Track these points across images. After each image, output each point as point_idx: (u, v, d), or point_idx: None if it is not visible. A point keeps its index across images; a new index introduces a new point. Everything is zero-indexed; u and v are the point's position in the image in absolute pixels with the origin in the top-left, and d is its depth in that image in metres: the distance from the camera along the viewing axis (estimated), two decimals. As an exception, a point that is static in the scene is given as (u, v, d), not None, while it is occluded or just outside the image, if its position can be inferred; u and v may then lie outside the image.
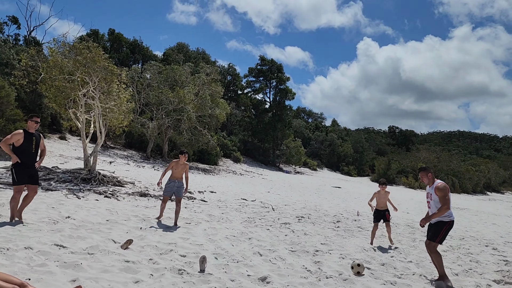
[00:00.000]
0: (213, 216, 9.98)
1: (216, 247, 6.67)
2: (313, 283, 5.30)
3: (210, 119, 32.60)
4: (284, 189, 23.37)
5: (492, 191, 70.30)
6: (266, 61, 53.05)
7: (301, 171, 53.56)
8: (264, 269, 5.72)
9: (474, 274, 6.80)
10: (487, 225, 16.12)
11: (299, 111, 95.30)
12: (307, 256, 6.83)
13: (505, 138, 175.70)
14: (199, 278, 4.93)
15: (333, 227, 10.51)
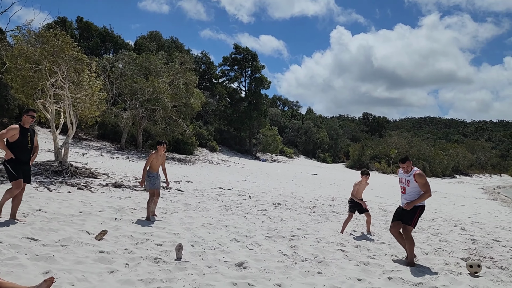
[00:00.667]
0: (190, 205, 9.95)
1: (192, 235, 6.67)
2: (289, 267, 5.38)
3: (185, 109, 32.26)
4: (261, 177, 23.49)
5: (461, 174, 72.78)
6: (240, 49, 52.72)
7: (277, 159, 53.88)
8: (241, 255, 5.77)
9: (443, 253, 7.05)
10: (455, 206, 16.69)
11: (275, 99, 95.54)
12: (283, 241, 6.92)
13: (473, 123, 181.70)
14: (176, 266, 4.93)
15: (308, 213, 10.66)
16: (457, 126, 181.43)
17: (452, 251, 7.23)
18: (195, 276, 4.60)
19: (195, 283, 4.37)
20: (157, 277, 4.48)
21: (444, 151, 71.71)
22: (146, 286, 4.20)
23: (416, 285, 5.03)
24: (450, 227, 10.27)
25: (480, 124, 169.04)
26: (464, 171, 76.85)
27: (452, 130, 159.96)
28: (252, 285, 4.48)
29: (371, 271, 5.56)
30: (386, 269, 5.66)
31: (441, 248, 7.41)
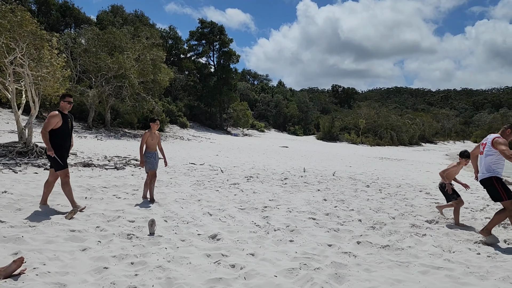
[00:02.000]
0: (161, 181, 9.90)
1: (165, 211, 6.67)
2: (262, 236, 5.50)
3: (153, 85, 31.58)
4: (233, 152, 23.54)
5: (427, 142, 75.24)
6: (206, 23, 51.65)
7: (249, 133, 53.99)
8: (214, 227, 5.83)
9: (409, 216, 7.36)
10: (421, 173, 17.32)
11: (245, 73, 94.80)
12: (256, 213, 7.04)
13: (438, 92, 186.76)
14: (149, 241, 4.94)
15: (280, 184, 10.82)
16: (423, 95, 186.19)
17: (417, 215, 7.55)
18: (168, 250, 4.64)
19: (169, 256, 4.41)
20: (130, 252, 4.48)
21: (411, 120, 73.64)
22: (119, 262, 4.21)
23: (383, 248, 5.25)
24: (416, 192, 10.69)
25: (445, 93, 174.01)
26: (430, 139, 79.49)
27: (418, 99, 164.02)
28: (225, 256, 4.56)
29: (341, 236, 5.76)
30: (355, 234, 5.87)
31: (407, 212, 7.72)
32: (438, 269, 4.49)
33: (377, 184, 11.97)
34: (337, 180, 12.50)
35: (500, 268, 4.57)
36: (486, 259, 4.96)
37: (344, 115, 73.42)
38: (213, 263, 4.31)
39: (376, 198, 9.39)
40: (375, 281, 4.03)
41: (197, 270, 4.08)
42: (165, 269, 4.03)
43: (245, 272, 4.07)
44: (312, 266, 4.33)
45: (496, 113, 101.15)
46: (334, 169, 16.06)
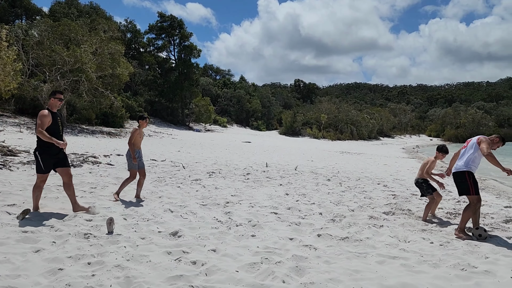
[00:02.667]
0: (121, 178, 9.63)
1: (124, 208, 6.52)
2: (224, 232, 5.48)
3: (112, 80, 30.63)
4: (195, 147, 23.33)
5: (385, 136, 77.68)
6: (165, 17, 50.61)
7: (211, 129, 53.67)
8: (175, 224, 5.76)
9: (367, 209, 7.58)
10: (379, 166, 17.88)
11: (206, 68, 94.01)
12: (218, 208, 7.01)
13: (395, 87, 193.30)
14: (108, 240, 4.81)
15: (243, 180, 10.83)
16: (381, 91, 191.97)
17: (375, 207, 7.78)
18: (128, 248, 4.53)
19: (128, 255, 4.31)
20: (87, 252, 4.34)
21: (369, 115, 75.75)
22: (75, 263, 4.06)
23: (342, 240, 5.37)
24: (374, 185, 11.02)
25: (401, 89, 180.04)
26: (388, 133, 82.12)
27: (377, 95, 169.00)
28: (187, 252, 4.51)
29: (302, 230, 5.84)
30: (316, 227, 5.97)
31: (365, 205, 7.95)
32: (394, 259, 4.65)
33: (337, 178, 12.23)
34: (299, 174, 12.67)
35: (451, 256, 4.79)
36: (438, 247, 5.18)
37: (306, 110, 74.48)
38: (174, 260, 4.26)
39: (336, 191, 9.60)
40: (334, 272, 4.12)
41: (157, 268, 4.01)
42: (124, 268, 3.93)
43: (206, 268, 4.05)
44: (274, 260, 4.37)
45: (448, 108, 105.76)
46: (296, 163, 16.26)
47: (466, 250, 5.05)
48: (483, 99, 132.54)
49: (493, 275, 4.17)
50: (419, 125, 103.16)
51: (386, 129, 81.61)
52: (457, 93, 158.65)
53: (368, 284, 3.86)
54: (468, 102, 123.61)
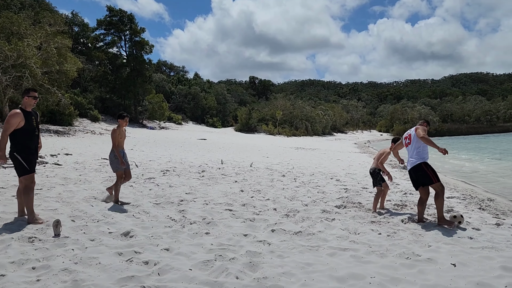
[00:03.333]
0: (70, 179, 9.28)
1: (73, 210, 6.27)
2: (178, 230, 5.42)
3: (59, 76, 29.26)
4: (149, 145, 22.84)
5: (338, 132, 79.78)
6: (115, 11, 48.88)
7: (166, 126, 52.71)
8: (127, 224, 5.62)
9: (320, 203, 7.76)
10: (332, 161, 18.35)
11: (160, 64, 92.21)
12: (172, 207, 6.92)
13: (347, 84, 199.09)
14: (54, 243, 4.61)
15: (198, 177, 10.75)
16: (334, 87, 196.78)
17: (328, 201, 7.99)
18: (76, 251, 4.37)
19: (77, 258, 4.16)
20: (32, 257, 4.14)
21: (323, 111, 77.43)
22: (18, 268, 3.87)
23: (296, 234, 5.47)
24: (327, 180, 11.30)
25: (353, 86, 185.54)
26: (341, 129, 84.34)
27: (330, 91, 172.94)
28: (139, 253, 4.42)
29: (256, 226, 5.89)
30: (270, 223, 6.05)
31: (319, 199, 8.14)
32: (345, 251, 4.80)
33: (292, 174, 12.43)
34: (254, 171, 12.75)
35: (397, 246, 5.02)
36: (386, 238, 5.41)
37: (262, 106, 74.95)
38: (125, 261, 4.16)
39: (291, 187, 9.76)
40: (287, 266, 4.19)
41: (108, 270, 3.90)
42: (72, 272, 3.79)
43: (159, 268, 3.99)
44: (227, 257, 4.38)
45: (397, 104, 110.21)
46: (251, 160, 16.34)
47: (411, 240, 5.30)
48: (428, 95, 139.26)
49: (435, 263, 4.41)
50: (370, 120, 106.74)
51: (339, 125, 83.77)
52: (405, 90, 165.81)
53: (319, 276, 3.96)
54: (415, 98, 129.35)
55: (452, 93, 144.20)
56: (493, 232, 5.82)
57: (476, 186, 12.38)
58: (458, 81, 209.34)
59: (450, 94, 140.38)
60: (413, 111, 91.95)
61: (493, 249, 4.92)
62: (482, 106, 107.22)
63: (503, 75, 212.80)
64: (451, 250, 4.84)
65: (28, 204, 5.42)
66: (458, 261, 4.44)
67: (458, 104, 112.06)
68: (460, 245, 5.08)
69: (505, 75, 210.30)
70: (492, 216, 7.04)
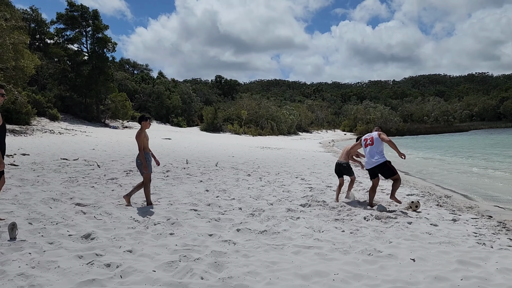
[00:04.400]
0: (26, 180, 8.90)
1: (30, 212, 6.01)
2: (141, 232, 5.32)
3: (15, 73, 28.01)
4: (111, 145, 22.26)
5: (303, 131, 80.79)
6: (75, 6, 47.22)
7: (129, 126, 51.55)
8: (88, 226, 5.46)
9: (285, 202, 7.83)
10: (298, 160, 18.56)
11: (123, 62, 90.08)
12: (135, 207, 6.77)
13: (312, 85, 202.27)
14: (10, 247, 4.40)
15: (162, 177, 10.59)
16: (299, 87, 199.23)
17: (293, 200, 8.07)
18: (33, 255, 4.19)
19: (34, 262, 3.99)
20: (-15, 262, 3.94)
21: (289, 111, 78.19)
22: (-30, 274, 3.67)
23: (261, 233, 5.49)
24: (293, 179, 11.41)
25: (317, 86, 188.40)
26: (306, 128, 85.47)
27: (295, 91, 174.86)
28: (100, 255, 4.30)
29: (221, 226, 5.87)
30: (235, 222, 6.04)
31: (284, 198, 8.21)
32: (309, 248, 4.87)
33: (257, 173, 12.47)
34: (220, 170, 12.70)
35: (360, 243, 5.14)
36: (349, 235, 5.53)
37: (227, 106, 74.78)
38: (86, 264, 4.03)
39: (256, 186, 9.79)
40: (253, 265, 4.20)
41: (67, 274, 3.77)
42: (29, 276, 3.64)
43: (121, 270, 3.89)
44: (192, 257, 4.33)
45: (360, 104, 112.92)
46: (217, 159, 16.26)
47: (373, 236, 5.45)
48: (389, 96, 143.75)
49: (395, 258, 4.55)
50: (334, 120, 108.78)
51: (304, 125, 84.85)
52: (367, 90, 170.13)
53: (284, 274, 4.00)
54: (377, 99, 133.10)
55: (412, 94, 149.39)
56: (450, 227, 6.08)
57: (434, 183, 12.87)
58: (418, 82, 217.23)
59: (410, 95, 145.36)
60: (375, 111, 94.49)
61: (450, 244, 5.14)
62: (440, 107, 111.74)
63: (459, 77, 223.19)
64: (411, 246, 5.01)
65: None
66: (417, 256, 4.60)
67: (417, 104, 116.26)
68: (419, 241, 5.26)
69: (460, 77, 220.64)
70: (449, 212, 7.35)
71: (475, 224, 6.38)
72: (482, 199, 9.90)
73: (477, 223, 6.49)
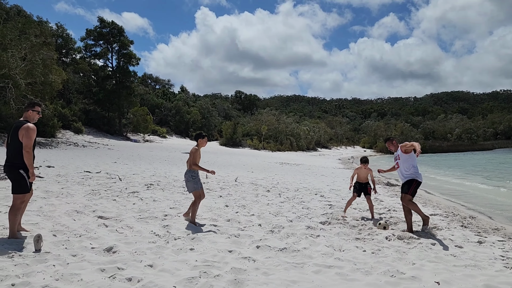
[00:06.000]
0: (51, 192, 9.10)
1: (54, 224, 6.14)
2: (162, 246, 5.35)
3: (43, 87, 28.93)
4: (133, 159, 22.60)
5: (322, 147, 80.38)
6: (106, 23, 48.79)
7: (150, 139, 52.30)
8: (110, 239, 5.53)
9: (305, 219, 7.77)
10: (317, 176, 18.43)
11: (146, 77, 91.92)
12: (156, 222, 6.84)
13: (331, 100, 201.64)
14: (35, 259, 4.50)
15: (182, 192, 10.66)
16: (318, 103, 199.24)
17: (312, 217, 8.00)
18: (57, 267, 4.27)
19: (58, 274, 4.06)
20: (11, 273, 4.03)
21: (309, 127, 78.06)
22: (-3, 285, 3.76)
23: (281, 251, 5.46)
24: (312, 196, 11.33)
25: (338, 102, 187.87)
26: (325, 144, 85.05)
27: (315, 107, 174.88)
28: (122, 269, 4.35)
29: (241, 242, 5.86)
30: (255, 239, 6.02)
31: (303, 215, 8.15)
32: (329, 268, 4.81)
33: (277, 189, 12.43)
34: (239, 186, 12.72)
35: (382, 263, 5.05)
36: (370, 255, 5.44)
37: (247, 121, 75.15)
38: (108, 277, 4.08)
39: (275, 202, 9.75)
40: (272, 283, 4.17)
41: (90, 287, 3.82)
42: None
43: (142, 285, 3.93)
44: (212, 274, 4.34)
45: (380, 121, 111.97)
46: (236, 175, 16.30)
47: (395, 257, 5.34)
48: (411, 113, 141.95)
49: (419, 280, 4.45)
50: (353, 137, 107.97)
51: (323, 141, 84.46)
52: (388, 107, 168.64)
53: (304, 293, 3.95)
54: (398, 116, 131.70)
55: (434, 111, 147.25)
56: (475, 250, 5.92)
57: (458, 203, 12.57)
58: (440, 99, 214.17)
59: (432, 112, 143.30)
60: (396, 128, 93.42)
61: (476, 267, 5.00)
62: (463, 124, 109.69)
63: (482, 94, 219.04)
64: (435, 268, 4.89)
65: (13, 223, 5.25)
66: (441, 279, 4.49)
67: (440, 122, 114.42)
68: (443, 263, 5.14)
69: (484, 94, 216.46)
70: (474, 234, 7.15)
71: (502, 247, 6.19)
72: (508, 220, 9.60)
73: (504, 246, 6.29)
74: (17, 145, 5.13)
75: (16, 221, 5.26)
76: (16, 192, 5.21)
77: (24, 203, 5.42)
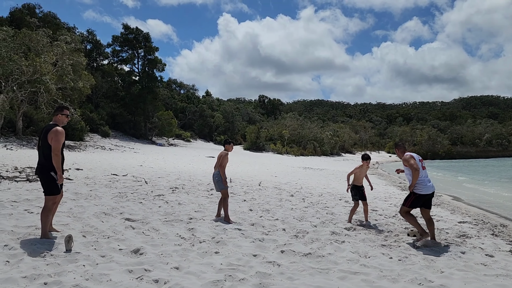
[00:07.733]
0: (80, 194, 9.35)
1: (84, 225, 6.30)
2: (187, 249, 5.42)
3: (73, 92, 29.81)
4: (157, 162, 22.94)
5: (346, 152, 79.48)
6: (130, 29, 49.86)
7: (175, 143, 53.01)
8: (137, 241, 5.64)
9: (329, 224, 7.71)
10: (341, 181, 18.24)
11: (170, 82, 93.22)
12: (181, 225, 6.92)
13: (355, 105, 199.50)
14: (65, 258, 4.63)
15: (207, 195, 10.75)
16: (342, 108, 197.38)
17: (337, 222, 7.93)
18: (87, 267, 4.39)
19: (88, 274, 4.17)
20: (43, 272, 4.17)
21: (332, 132, 77.36)
22: (30, 283, 3.89)
23: (305, 256, 5.44)
24: (336, 201, 11.23)
25: (362, 107, 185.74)
26: (349, 149, 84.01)
27: (338, 111, 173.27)
28: (149, 271, 4.42)
29: (265, 246, 5.86)
30: (279, 244, 6.02)
31: (328, 220, 8.09)
32: (355, 274, 4.75)
33: (300, 194, 12.38)
34: (263, 190, 12.73)
35: (409, 271, 4.96)
36: (397, 262, 5.35)
37: (270, 125, 75.15)
38: (135, 279, 4.16)
39: (299, 207, 9.71)
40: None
41: (118, 287, 3.90)
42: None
43: (169, 287, 3.99)
44: (237, 277, 4.36)
45: (406, 126, 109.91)
46: (260, 179, 16.32)
47: (423, 265, 5.23)
48: (438, 118, 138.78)
49: (448, 289, 4.35)
50: (379, 142, 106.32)
51: (347, 146, 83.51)
52: (414, 111, 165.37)
53: (330, 299, 3.92)
54: (424, 120, 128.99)
55: (462, 115, 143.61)
56: (507, 259, 5.74)
57: (488, 210, 12.21)
58: (469, 103, 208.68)
59: (460, 116, 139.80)
60: (422, 133, 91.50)
61: (508, 277, 4.85)
62: (493, 129, 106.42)
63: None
64: (464, 277, 4.77)
65: (45, 224, 5.41)
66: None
67: (468, 127, 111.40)
68: (473, 272, 5.00)
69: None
70: (506, 242, 6.93)
71: (535, 257, 5.98)
72: (542, 229, 9.26)
73: (537, 255, 6.08)
74: (46, 148, 5.29)
75: (48, 222, 5.43)
76: (47, 194, 5.37)
77: (55, 205, 5.58)
